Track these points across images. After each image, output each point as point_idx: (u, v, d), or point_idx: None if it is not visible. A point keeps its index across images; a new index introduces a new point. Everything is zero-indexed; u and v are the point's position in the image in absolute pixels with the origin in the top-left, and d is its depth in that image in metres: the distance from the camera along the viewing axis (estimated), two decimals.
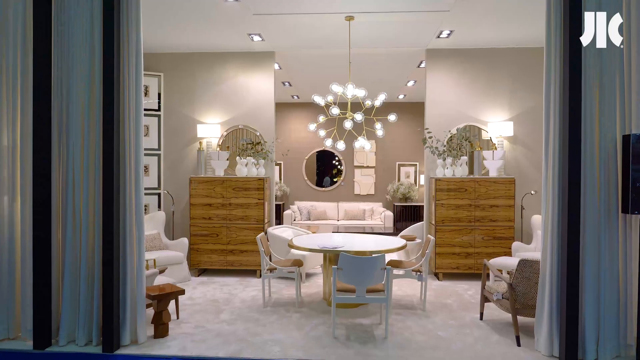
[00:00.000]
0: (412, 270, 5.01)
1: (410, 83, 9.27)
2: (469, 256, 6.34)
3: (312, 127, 5.63)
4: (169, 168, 7.09)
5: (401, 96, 10.67)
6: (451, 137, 6.75)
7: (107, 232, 3.81)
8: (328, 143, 5.49)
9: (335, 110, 5.09)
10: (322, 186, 11.65)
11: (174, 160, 7.09)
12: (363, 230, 9.35)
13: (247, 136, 7.00)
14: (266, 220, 6.71)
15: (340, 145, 5.32)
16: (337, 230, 9.13)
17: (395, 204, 11.11)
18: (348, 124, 5.10)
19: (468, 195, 6.35)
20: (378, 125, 5.57)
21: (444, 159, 6.52)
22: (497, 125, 6.57)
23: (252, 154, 6.76)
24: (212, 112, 7.05)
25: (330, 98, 5.44)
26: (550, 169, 3.80)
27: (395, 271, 5.17)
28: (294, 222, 10.67)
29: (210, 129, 6.88)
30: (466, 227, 6.34)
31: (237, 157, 6.72)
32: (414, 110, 11.38)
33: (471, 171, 6.67)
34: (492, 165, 6.45)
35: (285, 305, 5.20)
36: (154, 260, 5.73)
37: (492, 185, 6.33)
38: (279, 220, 11.05)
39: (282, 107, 11.55)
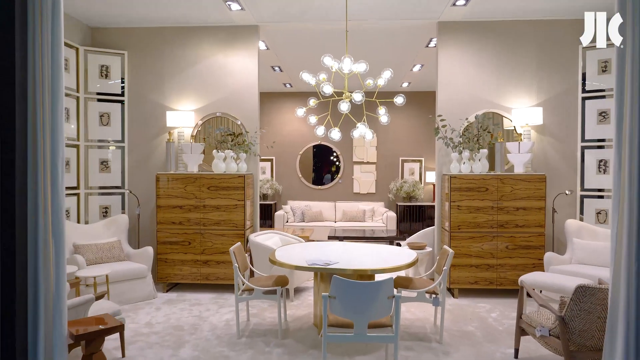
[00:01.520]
0: (427, 293, 3.96)
1: (417, 67, 8.19)
2: (490, 269, 5.29)
3: (301, 112, 4.56)
4: (135, 163, 6.02)
5: (405, 84, 9.59)
6: (468, 126, 5.68)
7: (4, 247, 2.73)
8: (320, 132, 4.43)
9: (327, 89, 4.02)
10: (322, 184, 10.58)
11: (141, 154, 6.02)
12: (363, 234, 8.30)
13: (227, 126, 5.94)
14: (248, 225, 5.65)
15: (335, 134, 4.26)
16: (334, 233, 8.08)
17: (399, 203, 10.05)
18: (344, 106, 4.03)
19: (489, 196, 5.28)
20: (382, 110, 4.51)
21: (460, 152, 5.46)
22: (523, 112, 5.50)
23: (232, 147, 5.69)
24: (185, 98, 5.98)
25: (322, 76, 4.37)
26: (625, 164, 2.72)
27: (405, 293, 4.11)
28: (287, 223, 9.61)
29: (182, 117, 5.81)
30: (487, 234, 5.28)
31: (214, 151, 5.65)
32: (420, 100, 10.30)
33: (492, 167, 5.61)
34: (518, 159, 5.38)
35: (266, 334, 4.14)
36: (106, 276, 4.67)
37: (519, 184, 5.27)
38: (271, 222, 9.98)
39: (273, 97, 10.47)
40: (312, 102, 4.59)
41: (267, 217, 10.05)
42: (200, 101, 5.97)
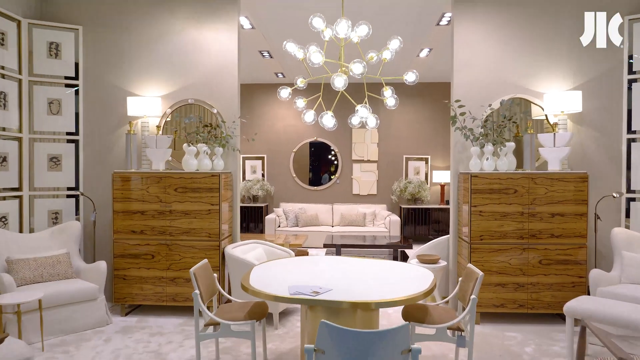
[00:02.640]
0: (449, 329, 2.98)
1: (424, 52, 7.22)
2: (520, 289, 4.31)
3: (286, 93, 3.58)
4: (92, 160, 5.04)
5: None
6: (490, 114, 4.71)
7: None
8: (308, 118, 3.45)
9: (316, 57, 3.03)
10: (319, 184, 9.60)
11: (99, 149, 5.04)
12: (363, 241, 7.34)
13: (200, 114, 4.96)
14: (225, 235, 4.68)
15: (328, 120, 3.28)
16: (330, 240, 7.12)
17: (402, 206, 9.09)
18: (339, 82, 3.04)
19: (518, 199, 4.31)
20: (387, 92, 3.54)
21: (482, 146, 4.49)
22: (558, 97, 4.52)
23: (206, 140, 4.72)
24: (151, 82, 5.00)
25: (313, 49, 3.37)
26: None
27: (420, 328, 3.13)
28: (279, 228, 8.64)
29: (147, 105, 4.83)
30: (516, 246, 4.32)
31: (185, 145, 4.68)
32: (426, 92, 9.33)
33: (519, 164, 4.64)
34: (553, 154, 4.41)
35: None
36: (39, 301, 3.69)
37: (555, 184, 4.29)
38: (261, 227, 9.01)
39: (264, 89, 9.50)
40: (300, 81, 3.62)
41: (257, 221, 9.09)
42: (169, 86, 4.99)
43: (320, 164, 9.63)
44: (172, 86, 4.99)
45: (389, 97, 3.53)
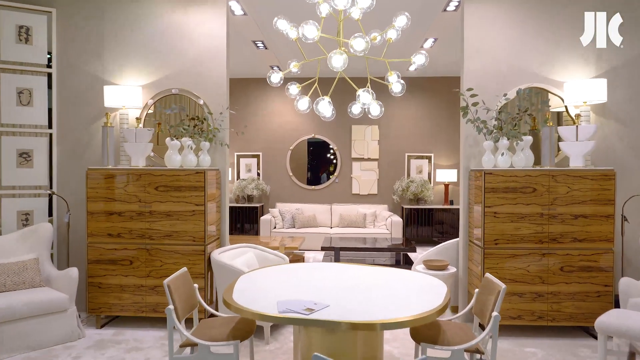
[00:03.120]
0: (466, 351, 2.54)
1: (429, 43, 6.77)
2: (539, 298, 3.87)
3: (276, 77, 3.12)
4: (67, 156, 4.60)
5: (412, 67, 8.16)
6: (504, 105, 4.27)
7: None
8: (302, 105, 2.99)
9: (310, 31, 2.58)
10: (318, 184, 9.15)
11: (74, 144, 4.59)
12: (364, 243, 6.90)
13: (186, 105, 4.52)
14: (212, 238, 4.24)
15: (325, 108, 2.84)
16: (329, 243, 6.68)
17: (405, 206, 8.65)
18: (338, 61, 2.58)
19: (537, 199, 3.87)
20: (392, 77, 3.09)
21: (496, 140, 4.04)
22: (580, 86, 4.08)
23: (191, 133, 4.27)
24: (131, 70, 4.55)
25: (308, 28, 2.92)
26: None
27: (432, 351, 2.69)
28: (274, 230, 8.20)
29: (126, 95, 4.39)
30: (534, 251, 3.88)
31: (168, 139, 4.23)
32: (429, 87, 8.90)
33: (537, 160, 4.20)
34: (576, 149, 3.97)
35: None
36: None
37: (578, 182, 3.85)
38: (256, 228, 8.57)
39: (259, 84, 9.05)
40: (294, 65, 3.17)
41: (252, 222, 8.65)
42: (151, 75, 4.55)
43: (318, 162, 9.18)
44: (154, 75, 4.54)
45: (395, 83, 3.08)
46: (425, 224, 8.60)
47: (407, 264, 6.80)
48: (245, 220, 8.68)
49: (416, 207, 8.57)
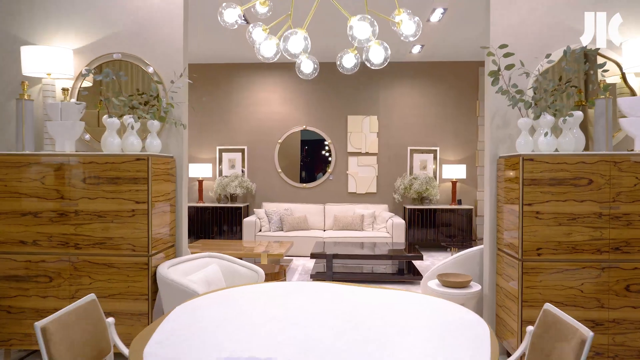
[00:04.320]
0: None
1: (436, 16, 5.76)
2: (598, 327, 2.87)
3: (231, 15, 2.12)
4: None
5: (416, 48, 7.17)
6: (545, 71, 3.26)
7: None
8: (267, 50, 1.97)
9: None
10: (310, 182, 8.15)
11: None
12: (361, 248, 5.92)
13: (129, 72, 3.50)
14: (160, 247, 3.22)
15: (295, 45, 1.81)
16: (321, 249, 5.69)
17: (407, 206, 7.65)
18: None
19: (595, 194, 2.87)
20: (404, 15, 2.10)
21: (537, 116, 3.04)
22: None
23: (131, 107, 3.25)
24: (59, 29, 3.54)
25: None
26: None
27: None
28: (259, 233, 7.18)
29: (51, 59, 3.36)
30: (590, 263, 2.87)
31: (105, 117, 3.21)
32: (435, 72, 7.92)
33: (587, 142, 3.20)
34: None
35: None
36: None
37: None
38: (239, 231, 7.55)
39: (244, 70, 8.04)
40: (261, 2, 2.18)
41: (234, 224, 7.64)
42: (87, 35, 3.53)
43: (313, 159, 8.16)
44: (91, 36, 3.53)
45: (406, 22, 2.08)
46: (431, 227, 7.61)
47: (412, 272, 5.80)
48: (227, 223, 7.67)
49: (420, 207, 7.57)
